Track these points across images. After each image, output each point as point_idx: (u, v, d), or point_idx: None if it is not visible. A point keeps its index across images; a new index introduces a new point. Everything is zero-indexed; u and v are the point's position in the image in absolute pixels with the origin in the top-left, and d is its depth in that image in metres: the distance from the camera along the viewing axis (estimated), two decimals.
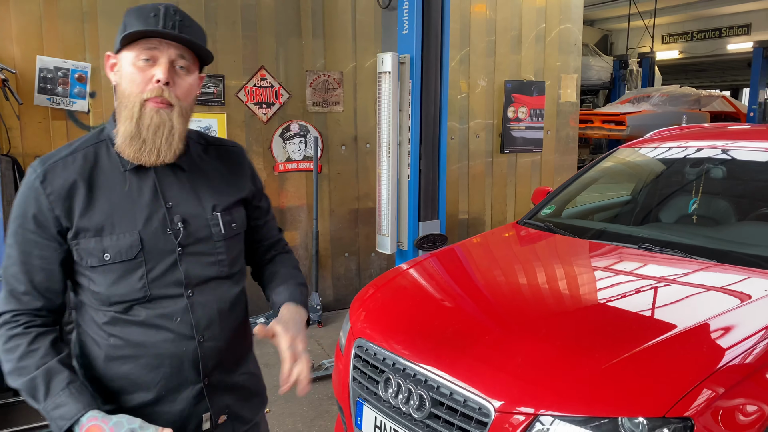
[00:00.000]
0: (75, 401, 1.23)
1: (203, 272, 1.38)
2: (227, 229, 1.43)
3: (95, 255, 1.30)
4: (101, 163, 1.34)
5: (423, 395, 1.94)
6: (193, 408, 1.40)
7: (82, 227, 1.30)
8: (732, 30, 17.76)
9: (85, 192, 1.31)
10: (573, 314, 2.19)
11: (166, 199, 1.36)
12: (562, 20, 5.94)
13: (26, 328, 1.29)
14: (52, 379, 1.24)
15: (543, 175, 6.08)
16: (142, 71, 1.28)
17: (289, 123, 4.70)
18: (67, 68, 3.97)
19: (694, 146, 3.20)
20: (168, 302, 1.34)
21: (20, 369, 1.26)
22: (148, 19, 1.27)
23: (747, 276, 2.29)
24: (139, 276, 1.31)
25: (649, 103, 14.03)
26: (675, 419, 1.63)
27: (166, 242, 1.34)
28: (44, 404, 1.24)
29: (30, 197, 1.30)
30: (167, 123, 1.30)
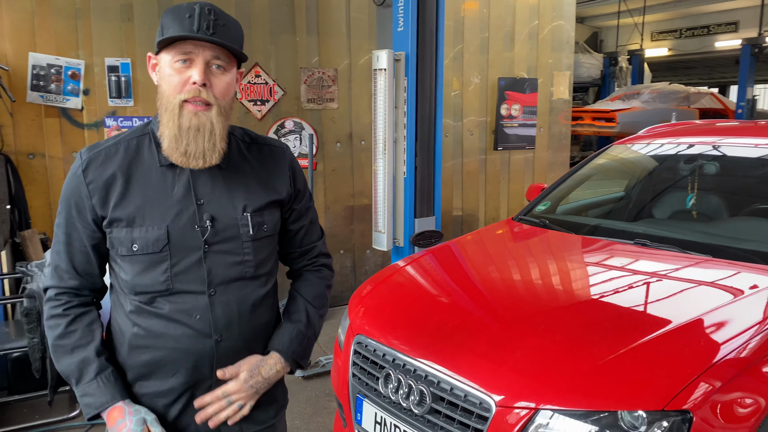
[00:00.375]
0: (102, 393, 1.34)
1: (227, 272, 1.40)
2: (256, 230, 1.44)
3: (125, 245, 1.35)
4: (141, 156, 1.39)
5: (423, 390, 1.95)
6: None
7: (115, 217, 1.35)
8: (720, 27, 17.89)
9: (122, 183, 1.36)
10: (571, 309, 2.21)
11: (197, 196, 1.38)
12: (555, 17, 5.97)
13: (65, 309, 1.39)
14: (84, 369, 1.35)
15: (536, 172, 6.11)
16: (179, 73, 1.32)
17: (284, 120, 4.69)
18: (60, 65, 3.95)
19: (688, 143, 3.23)
20: (189, 298, 1.37)
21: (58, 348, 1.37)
22: (183, 21, 1.30)
23: (741, 271, 2.31)
24: (163, 269, 1.35)
25: (639, 100, 14.11)
26: (674, 412, 1.65)
27: (192, 238, 1.37)
28: (76, 389, 1.36)
29: (73, 184, 1.37)
30: (207, 125, 1.33)
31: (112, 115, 4.15)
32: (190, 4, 1.32)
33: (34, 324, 2.94)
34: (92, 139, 4.11)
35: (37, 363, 2.97)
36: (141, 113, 4.22)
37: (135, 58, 4.16)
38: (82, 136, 4.10)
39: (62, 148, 4.06)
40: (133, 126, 4.15)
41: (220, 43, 1.31)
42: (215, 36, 1.30)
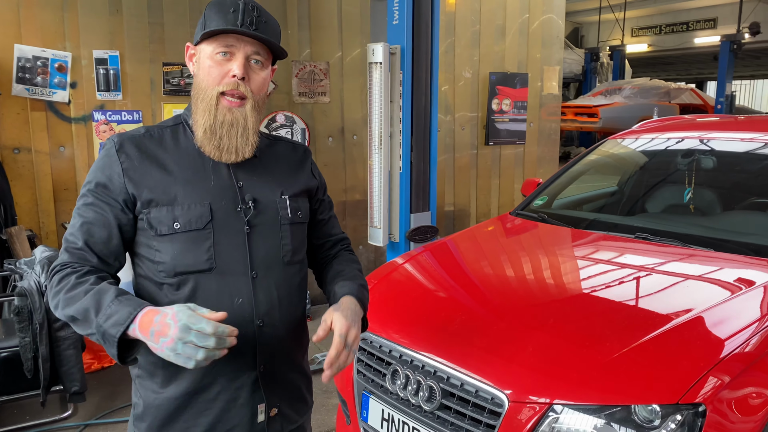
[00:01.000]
0: (126, 306, 1.19)
1: (268, 254, 1.40)
2: (293, 214, 1.46)
3: (165, 223, 1.32)
4: (177, 141, 1.40)
5: (433, 386, 1.94)
6: (249, 397, 1.39)
7: (153, 198, 1.32)
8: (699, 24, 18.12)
9: (159, 166, 1.35)
10: (579, 303, 2.21)
11: (237, 179, 1.39)
12: (545, 10, 5.98)
13: (74, 269, 1.29)
14: (101, 297, 1.22)
15: (526, 167, 6.13)
16: (220, 65, 1.33)
17: (275, 114, 4.64)
18: (47, 57, 3.86)
19: (683, 137, 3.25)
20: (231, 280, 1.35)
21: (69, 299, 1.24)
22: (228, 15, 1.31)
23: (746, 264, 2.33)
24: (207, 247, 1.33)
25: (621, 95, 14.25)
26: (687, 405, 1.66)
27: (236, 219, 1.36)
28: (96, 321, 1.19)
29: (105, 163, 1.34)
30: (240, 120, 1.35)
31: (101, 108, 4.06)
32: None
33: (25, 323, 2.87)
34: (80, 133, 4.03)
35: (28, 363, 2.90)
36: (130, 107, 4.14)
37: (123, 51, 4.08)
38: (70, 130, 4.01)
39: (49, 142, 3.96)
40: (121, 120, 4.12)
41: (263, 38, 1.33)
42: (258, 32, 1.33)
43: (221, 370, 1.35)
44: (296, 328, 1.49)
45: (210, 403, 1.37)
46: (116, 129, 4.09)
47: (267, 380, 1.41)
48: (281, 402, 1.46)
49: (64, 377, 2.97)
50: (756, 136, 3.04)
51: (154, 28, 4.18)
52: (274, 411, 1.45)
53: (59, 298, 1.26)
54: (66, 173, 4.04)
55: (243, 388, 1.38)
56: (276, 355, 1.42)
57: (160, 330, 1.14)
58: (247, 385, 1.38)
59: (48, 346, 2.91)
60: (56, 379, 2.99)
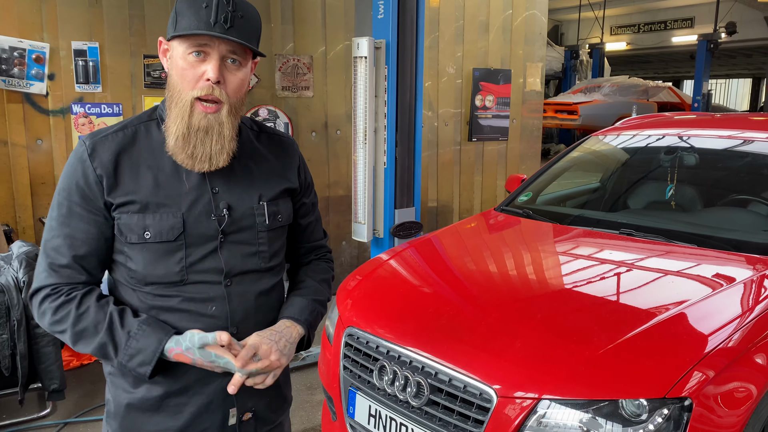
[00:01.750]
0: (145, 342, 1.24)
1: (243, 262, 1.35)
2: (272, 220, 1.40)
3: (136, 232, 1.27)
4: (151, 142, 1.32)
5: (421, 382, 1.93)
6: (221, 402, 1.37)
7: (126, 201, 1.27)
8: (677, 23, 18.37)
9: (133, 169, 1.28)
10: (566, 299, 2.22)
11: (212, 184, 1.33)
12: (528, 7, 5.99)
13: (68, 295, 1.27)
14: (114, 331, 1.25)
15: (508, 163, 6.15)
16: (193, 67, 1.24)
17: (258, 108, 4.59)
18: (24, 48, 3.77)
19: (666, 134, 3.29)
20: (205, 288, 1.31)
21: (79, 335, 1.25)
22: (200, 11, 1.21)
23: (728, 260, 2.36)
24: (178, 259, 1.29)
25: (600, 93, 14.40)
26: (674, 399, 1.68)
27: (208, 228, 1.31)
28: (119, 359, 1.26)
29: (78, 169, 1.27)
30: (215, 127, 1.27)
31: (79, 101, 3.98)
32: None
33: (2, 320, 2.81)
34: (58, 126, 3.95)
35: (6, 360, 2.84)
36: (109, 99, 4.07)
37: (103, 42, 4.01)
38: (47, 123, 3.93)
39: (26, 135, 3.88)
40: (101, 113, 4.04)
41: (238, 42, 1.24)
42: (233, 30, 1.23)
43: (194, 374, 1.33)
44: None
45: (182, 407, 1.35)
46: (96, 122, 4.02)
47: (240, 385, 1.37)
48: (257, 405, 1.44)
49: (43, 375, 2.92)
50: (735, 133, 3.09)
51: (134, 20, 4.10)
52: (248, 415, 1.42)
53: (67, 334, 1.26)
54: (44, 167, 3.95)
55: (215, 393, 1.36)
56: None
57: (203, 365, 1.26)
58: (220, 390, 1.35)
59: (26, 343, 2.85)
60: (35, 376, 2.93)
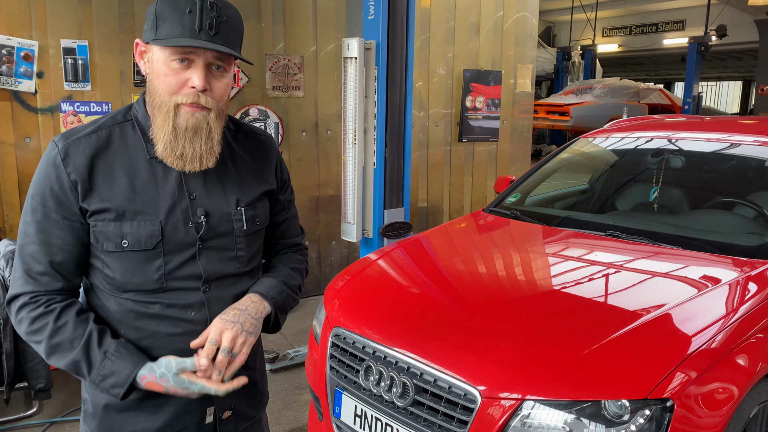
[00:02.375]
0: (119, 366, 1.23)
1: (222, 268, 1.34)
2: (250, 224, 1.38)
3: (112, 240, 1.25)
4: (126, 145, 1.28)
5: (406, 382, 1.94)
6: (199, 401, 1.36)
7: (101, 208, 1.24)
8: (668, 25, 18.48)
9: (108, 173, 1.25)
10: (550, 300, 2.23)
11: (189, 190, 1.31)
12: (519, 8, 6.01)
13: (47, 306, 1.25)
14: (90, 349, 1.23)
15: (498, 164, 6.17)
16: (177, 74, 1.21)
17: (248, 108, 4.59)
18: (12, 46, 3.74)
19: (654, 136, 3.31)
20: (183, 294, 1.30)
21: (54, 348, 1.24)
22: (183, 16, 1.17)
23: (712, 262, 2.38)
24: (157, 267, 1.27)
25: (592, 94, 14.46)
26: (655, 400, 1.69)
27: (186, 235, 1.29)
28: (92, 378, 1.24)
29: (51, 174, 1.23)
30: (204, 126, 1.24)
31: (68, 99, 3.96)
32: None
33: None
34: (46, 124, 3.93)
35: None
36: (99, 98, 4.05)
37: (93, 41, 3.99)
38: (36, 121, 3.91)
39: (14, 133, 3.85)
40: (90, 111, 4.02)
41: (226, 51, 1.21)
42: (218, 36, 1.19)
43: None
44: None
45: (160, 406, 1.34)
46: (84, 120, 4.00)
47: None
48: (236, 402, 1.43)
49: (29, 374, 2.91)
50: (723, 136, 3.11)
51: (124, 18, 4.09)
52: (227, 413, 1.42)
53: (42, 345, 1.25)
54: (32, 165, 3.93)
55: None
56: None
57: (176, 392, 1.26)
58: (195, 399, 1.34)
59: (12, 342, 2.84)
60: (21, 375, 2.92)
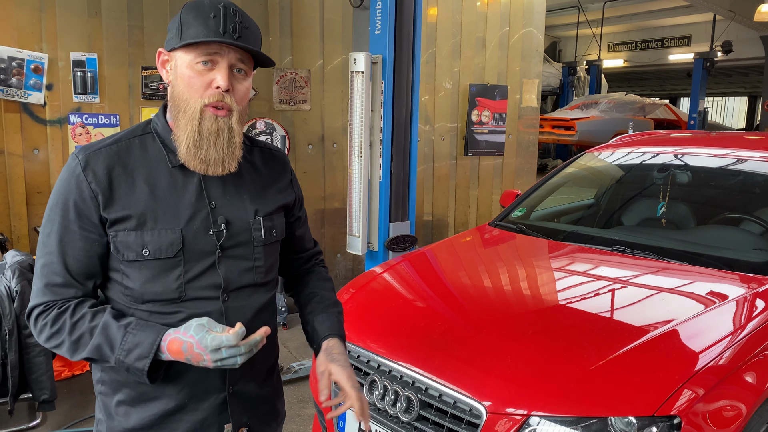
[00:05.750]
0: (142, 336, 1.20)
1: (240, 277, 1.34)
2: (267, 235, 1.39)
3: (134, 249, 1.25)
4: (147, 155, 1.29)
5: (411, 397, 1.93)
6: (216, 417, 1.35)
7: (122, 218, 1.25)
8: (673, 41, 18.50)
9: (129, 182, 1.26)
10: (557, 315, 2.22)
11: (210, 198, 1.31)
12: (525, 24, 6.05)
13: (61, 307, 1.25)
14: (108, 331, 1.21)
15: (504, 178, 6.18)
16: (201, 75, 1.24)
17: (255, 121, 4.62)
18: (23, 58, 3.79)
19: (661, 152, 3.31)
20: (202, 304, 1.29)
21: (77, 342, 1.22)
22: (208, 20, 1.21)
23: (719, 278, 2.37)
24: (176, 276, 1.27)
25: (597, 109, 14.47)
26: (663, 418, 1.68)
27: (206, 243, 1.30)
28: (116, 358, 1.20)
29: (71, 184, 1.24)
30: (225, 131, 1.26)
31: (77, 111, 4.00)
32: (213, 2, 1.23)
33: None
34: (55, 136, 3.96)
35: None
36: (107, 110, 4.08)
37: (102, 54, 4.03)
38: (45, 133, 3.94)
39: (23, 144, 3.89)
40: (98, 123, 4.06)
41: (251, 49, 1.24)
42: (241, 39, 1.23)
43: (191, 392, 1.32)
44: (269, 346, 1.45)
45: (177, 423, 1.33)
46: (93, 132, 4.03)
47: (235, 400, 1.38)
48: (252, 419, 1.43)
49: (34, 385, 2.90)
50: (728, 152, 3.11)
51: (133, 31, 4.13)
52: (243, 430, 1.41)
53: (64, 345, 1.23)
54: (40, 176, 3.96)
55: (210, 409, 1.34)
56: (246, 375, 1.39)
57: (194, 358, 1.18)
58: (215, 406, 1.35)
59: (17, 353, 2.84)
60: (25, 386, 2.91)
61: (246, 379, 1.39)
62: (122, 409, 1.33)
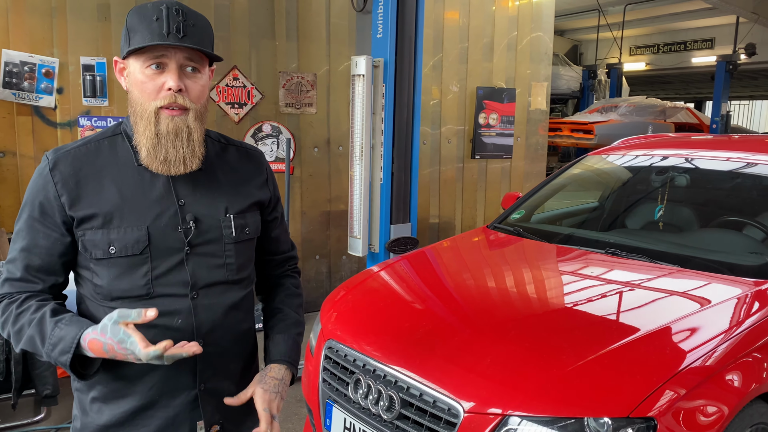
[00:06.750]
0: (66, 331, 1.21)
1: (210, 275, 1.35)
2: (239, 232, 1.40)
3: (100, 247, 1.27)
4: (115, 155, 1.32)
5: (393, 396, 1.95)
6: (187, 414, 1.36)
7: (88, 216, 1.27)
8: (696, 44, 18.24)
9: (95, 182, 1.29)
10: (541, 317, 2.22)
11: (179, 196, 1.33)
12: (534, 28, 6.03)
13: (11, 297, 1.29)
14: (43, 324, 1.23)
15: (512, 181, 6.16)
16: (152, 79, 1.25)
17: (262, 124, 4.67)
18: (34, 63, 3.89)
19: (660, 155, 3.28)
20: (171, 301, 1.30)
21: (17, 333, 1.26)
22: (152, 24, 1.22)
23: (708, 281, 2.35)
24: (143, 272, 1.29)
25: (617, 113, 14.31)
26: (639, 419, 1.67)
27: (174, 240, 1.31)
28: (45, 350, 1.23)
29: (39, 185, 1.28)
30: (183, 129, 1.28)
31: (86, 114, 4.09)
32: (156, 3, 1.24)
33: None
34: (65, 138, 4.06)
35: (1, 365, 2.90)
36: (116, 113, 4.17)
37: (111, 58, 4.11)
38: (55, 135, 4.04)
39: (34, 146, 3.99)
40: (107, 126, 4.14)
41: (193, 47, 1.25)
42: (186, 38, 1.24)
43: (162, 388, 1.33)
44: (242, 344, 1.46)
45: (148, 419, 1.34)
46: None
47: (207, 398, 1.38)
48: (224, 418, 1.43)
49: (37, 380, 2.97)
50: (729, 155, 3.07)
51: None
52: (216, 428, 1.42)
53: (10, 335, 1.27)
54: None
55: (182, 406, 1.35)
56: (219, 373, 1.39)
57: (121, 356, 1.19)
58: (186, 403, 1.35)
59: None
60: (29, 382, 2.98)
61: (219, 378, 1.39)
62: (96, 406, 1.35)
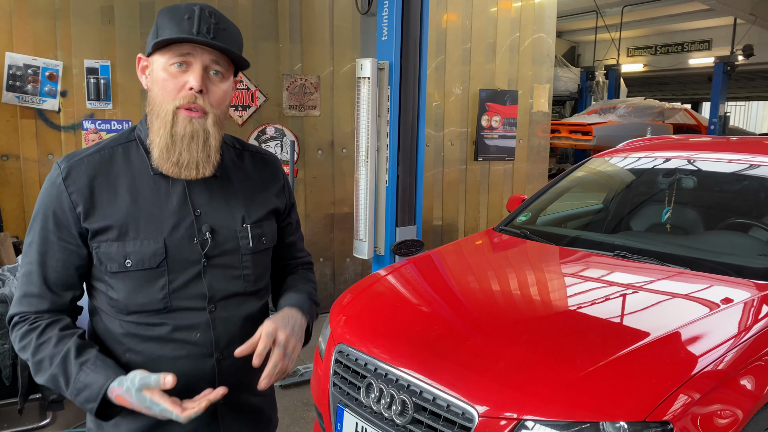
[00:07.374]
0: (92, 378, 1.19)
1: (227, 286, 1.32)
2: (256, 242, 1.36)
3: (116, 260, 1.24)
4: (129, 164, 1.28)
5: (406, 400, 1.94)
6: (207, 428, 1.34)
7: (103, 228, 1.24)
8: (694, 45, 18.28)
9: (110, 192, 1.25)
10: (552, 320, 2.22)
11: (194, 206, 1.29)
12: (536, 30, 6.04)
13: (32, 323, 1.24)
14: (67, 365, 1.20)
15: (515, 183, 6.16)
16: (175, 78, 1.22)
17: (265, 126, 4.67)
18: (38, 66, 3.88)
19: (666, 157, 3.29)
20: (188, 315, 1.27)
21: (38, 365, 1.22)
22: (182, 22, 1.20)
23: (718, 284, 2.35)
24: (161, 286, 1.25)
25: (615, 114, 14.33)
26: (654, 423, 1.67)
27: (191, 252, 1.27)
28: (69, 393, 1.21)
29: (52, 194, 1.24)
30: (200, 133, 1.24)
31: (90, 117, 4.08)
32: (189, 4, 1.22)
33: (4, 330, 2.86)
34: (69, 141, 4.04)
35: (7, 370, 2.88)
36: (120, 116, 4.16)
37: (115, 61, 4.11)
38: (59, 139, 4.03)
39: (38, 150, 3.98)
40: (111, 129, 4.13)
41: (221, 47, 1.22)
42: (216, 40, 1.21)
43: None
44: None
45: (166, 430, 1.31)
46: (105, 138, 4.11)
47: (226, 410, 1.36)
48: (243, 429, 1.41)
49: (43, 386, 2.95)
50: (735, 157, 3.08)
51: (145, 39, 4.18)
52: None
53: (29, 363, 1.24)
54: None
55: (201, 420, 1.30)
56: (236, 385, 1.35)
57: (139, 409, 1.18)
58: (205, 415, 1.30)
59: None
60: (35, 387, 2.97)
61: (237, 390, 1.36)
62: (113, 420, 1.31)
